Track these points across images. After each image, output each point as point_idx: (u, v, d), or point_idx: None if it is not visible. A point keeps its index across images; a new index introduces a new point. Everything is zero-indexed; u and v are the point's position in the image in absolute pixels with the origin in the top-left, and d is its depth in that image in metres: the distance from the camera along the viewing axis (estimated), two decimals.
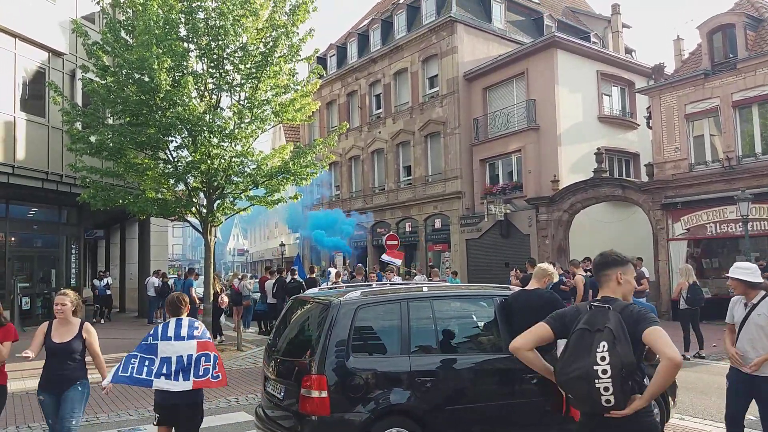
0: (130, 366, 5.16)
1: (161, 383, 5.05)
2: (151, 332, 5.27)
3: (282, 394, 5.51)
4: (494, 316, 5.79)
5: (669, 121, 19.47)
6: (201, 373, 5.08)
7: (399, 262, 22.96)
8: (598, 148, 21.65)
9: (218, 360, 5.22)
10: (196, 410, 5.27)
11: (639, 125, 25.04)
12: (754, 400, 5.13)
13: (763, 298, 4.97)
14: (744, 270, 5.05)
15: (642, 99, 23.22)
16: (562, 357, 3.05)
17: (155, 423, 5.34)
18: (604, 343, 2.86)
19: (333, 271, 15.67)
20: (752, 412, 7.63)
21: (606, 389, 2.81)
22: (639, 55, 36.32)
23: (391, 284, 10.27)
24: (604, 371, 2.81)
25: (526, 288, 6.03)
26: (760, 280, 5.02)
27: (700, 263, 19.00)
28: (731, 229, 17.50)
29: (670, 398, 6.32)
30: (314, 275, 17.42)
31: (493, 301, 5.87)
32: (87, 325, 5.57)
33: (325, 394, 4.98)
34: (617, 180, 21.48)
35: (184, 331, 5.16)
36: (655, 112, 20.00)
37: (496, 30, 27.40)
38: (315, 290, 7.68)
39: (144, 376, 5.10)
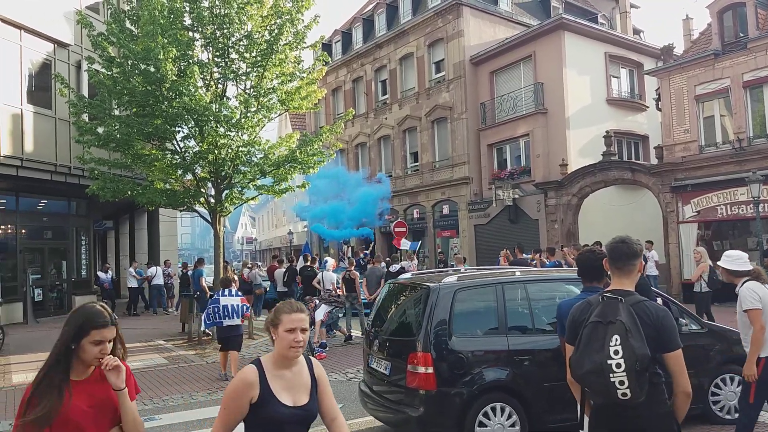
0: (210, 316, 9.64)
1: (227, 321, 9.56)
2: (216, 295, 9.93)
3: (388, 370, 5.95)
4: None
5: (678, 103, 19.26)
6: (240, 314, 9.67)
7: (406, 245, 22.91)
8: (607, 131, 21.48)
9: (248, 308, 10.18)
10: (239, 338, 9.89)
11: (648, 107, 24.80)
12: None
13: (742, 284, 5.04)
14: (727, 259, 5.22)
15: (651, 80, 22.96)
16: (576, 350, 3.01)
17: (220, 349, 10.01)
18: (616, 336, 2.82)
19: (330, 260, 15.56)
20: None
21: (621, 383, 2.78)
22: (647, 35, 35.94)
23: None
24: (618, 365, 2.78)
25: None
26: (744, 268, 5.10)
27: (711, 246, 18.87)
28: (742, 210, 17.35)
29: None
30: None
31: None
32: (315, 361, 3.00)
33: (431, 370, 5.40)
34: (626, 163, 21.31)
35: (233, 292, 9.84)
36: (665, 93, 19.78)
37: (502, 12, 27.13)
38: (408, 274, 8.01)
39: (217, 319, 9.59)
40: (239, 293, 10.01)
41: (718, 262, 5.24)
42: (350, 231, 25.70)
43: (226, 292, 9.73)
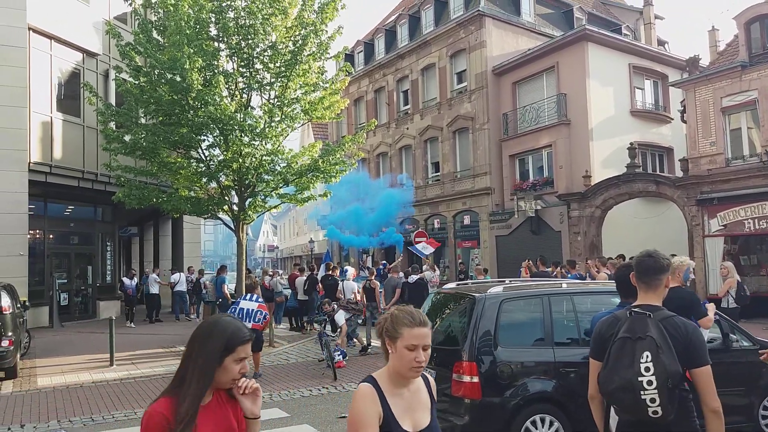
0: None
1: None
2: (239, 299, 10.96)
3: (433, 378, 6.01)
4: None
5: (704, 115, 19.02)
6: (255, 320, 10.12)
7: (429, 251, 22.59)
8: (631, 143, 21.26)
9: (266, 316, 10.62)
10: (258, 341, 10.54)
11: (673, 119, 24.51)
12: None
13: None
14: None
15: (676, 92, 22.72)
16: (604, 367, 2.97)
17: None
18: (647, 353, 2.78)
19: (350, 270, 15.66)
20: None
21: (653, 400, 2.74)
22: (672, 47, 35.58)
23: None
24: (649, 382, 2.74)
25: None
26: None
27: (738, 260, 18.54)
28: None
29: None
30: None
31: None
32: (431, 379, 2.65)
33: (476, 379, 5.47)
34: (651, 175, 21.06)
35: (253, 298, 10.47)
36: (690, 105, 19.55)
37: (525, 23, 27.09)
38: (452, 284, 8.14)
39: None
40: (260, 300, 10.65)
41: None
42: (368, 239, 25.66)
43: (248, 296, 10.55)
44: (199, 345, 2.21)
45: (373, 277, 14.36)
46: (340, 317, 12.40)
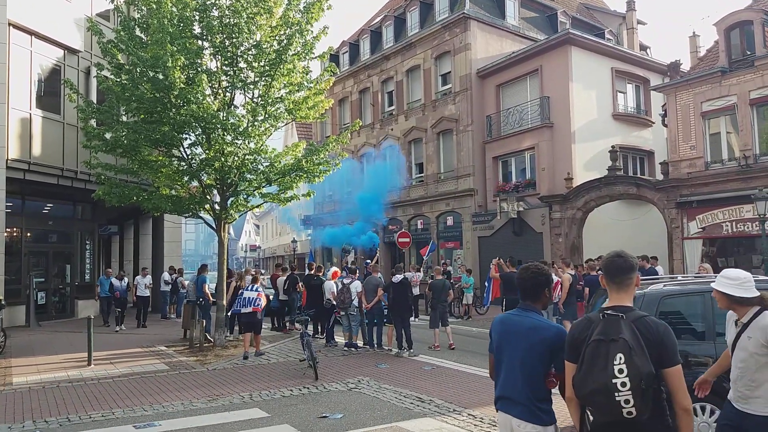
0: (236, 305, 12.61)
1: (244, 309, 12.34)
2: (244, 289, 12.85)
3: None
4: None
5: (685, 119, 19.28)
6: (255, 304, 12.30)
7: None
8: (613, 146, 21.50)
9: (263, 301, 12.64)
10: (257, 323, 12.62)
11: (654, 123, 24.83)
12: None
13: (755, 316, 3.89)
14: (730, 281, 3.93)
15: (657, 96, 23.02)
16: (579, 370, 2.99)
17: (241, 333, 13.45)
18: (620, 354, 2.81)
19: (333, 269, 15.71)
20: None
21: (627, 401, 2.77)
22: (654, 52, 35.96)
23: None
24: (623, 384, 2.77)
25: None
26: (753, 294, 3.86)
27: (716, 262, 18.80)
28: (748, 228, 17.30)
29: None
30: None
31: None
32: None
33: None
34: (632, 178, 21.30)
35: (254, 288, 12.56)
36: (671, 109, 19.80)
37: (509, 27, 27.26)
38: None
39: (237, 308, 12.49)
40: (260, 289, 12.73)
41: (713, 284, 4.12)
42: (349, 230, 25.79)
43: (251, 287, 12.64)
44: None
45: (356, 277, 14.34)
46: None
